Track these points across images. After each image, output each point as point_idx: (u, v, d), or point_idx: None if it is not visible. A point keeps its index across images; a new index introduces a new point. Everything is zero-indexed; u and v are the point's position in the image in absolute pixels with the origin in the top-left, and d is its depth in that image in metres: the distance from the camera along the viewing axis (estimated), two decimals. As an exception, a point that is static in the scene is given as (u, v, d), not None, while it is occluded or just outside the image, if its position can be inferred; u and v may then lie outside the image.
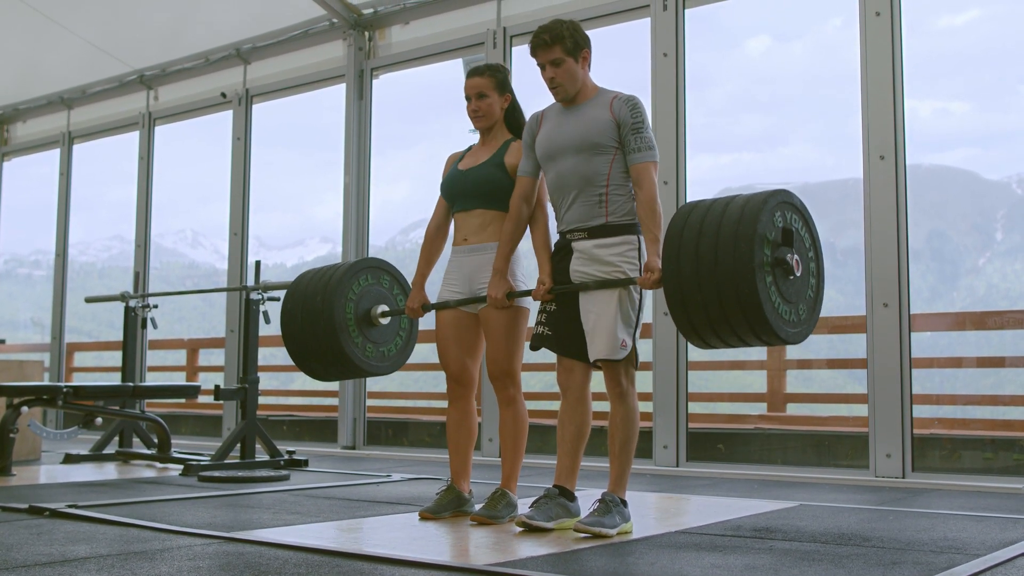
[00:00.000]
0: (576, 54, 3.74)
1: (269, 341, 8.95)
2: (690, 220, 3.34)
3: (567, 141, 3.75)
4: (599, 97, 3.78)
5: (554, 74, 3.74)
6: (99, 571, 2.85)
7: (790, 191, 3.43)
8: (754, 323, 3.22)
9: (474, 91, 4.11)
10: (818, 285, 3.49)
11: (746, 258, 3.16)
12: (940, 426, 6.40)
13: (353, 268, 4.32)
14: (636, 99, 3.72)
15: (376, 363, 4.38)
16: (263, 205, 9.72)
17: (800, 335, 3.36)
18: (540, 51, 3.75)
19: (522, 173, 3.93)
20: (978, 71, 56.64)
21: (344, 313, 4.24)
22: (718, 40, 33.55)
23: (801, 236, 3.43)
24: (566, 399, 3.79)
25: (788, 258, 3.28)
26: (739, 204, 3.30)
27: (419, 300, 4.17)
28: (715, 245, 3.22)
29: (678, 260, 3.30)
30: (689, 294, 3.26)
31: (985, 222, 53.99)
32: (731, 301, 3.18)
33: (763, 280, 3.19)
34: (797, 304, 3.35)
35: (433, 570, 2.93)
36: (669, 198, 6.20)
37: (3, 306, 11.20)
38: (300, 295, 4.33)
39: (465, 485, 4.14)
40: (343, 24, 7.82)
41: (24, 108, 10.40)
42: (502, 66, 4.21)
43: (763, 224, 3.23)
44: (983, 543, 3.43)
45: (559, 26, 3.74)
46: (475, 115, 4.13)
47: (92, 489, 5.11)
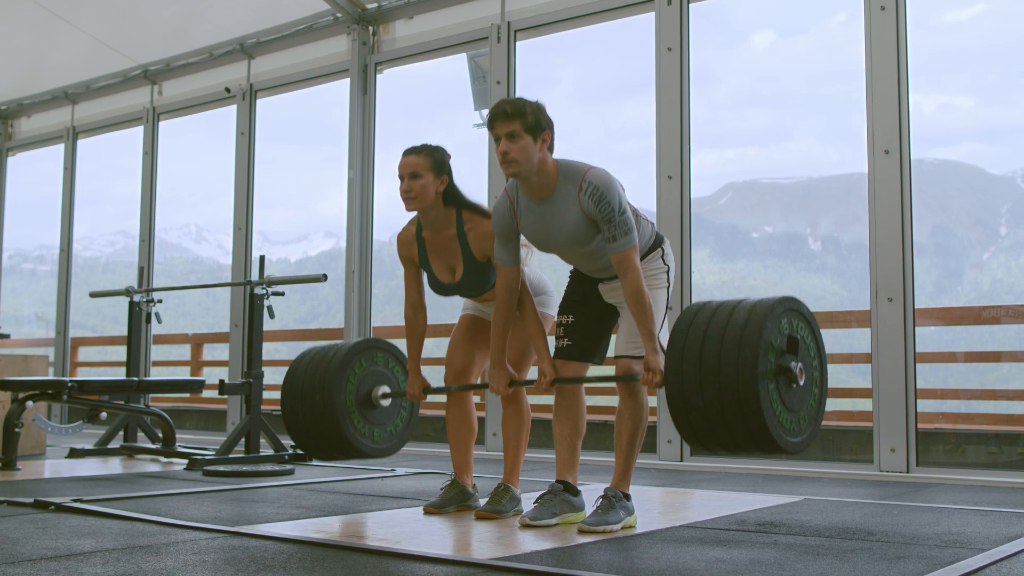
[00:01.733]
0: (536, 133, 3.51)
1: (273, 336, 8.97)
2: (695, 321, 3.28)
3: (556, 240, 3.67)
4: (564, 188, 3.57)
5: (508, 148, 3.50)
6: (104, 565, 2.86)
7: (797, 299, 3.38)
8: (755, 431, 3.14)
9: (407, 170, 3.89)
10: (821, 394, 3.42)
11: (750, 364, 3.10)
12: (944, 421, 6.40)
13: (354, 350, 4.33)
14: (598, 188, 3.50)
15: (380, 445, 4.43)
16: (267, 200, 9.73)
17: (801, 445, 3.26)
18: (498, 122, 3.52)
19: (503, 263, 3.75)
20: (983, 66, 56.58)
21: (345, 404, 4.26)
22: (722, 35, 33.51)
23: (806, 344, 3.37)
24: (560, 395, 3.80)
25: (792, 366, 3.21)
26: (746, 309, 3.25)
27: (419, 385, 4.15)
28: (719, 349, 3.16)
29: (681, 362, 3.23)
30: (691, 397, 3.20)
31: (989, 217, 53.92)
32: (732, 407, 3.12)
33: (765, 387, 3.12)
34: (799, 413, 3.28)
35: (437, 564, 2.94)
36: (674, 193, 6.20)
37: (7, 301, 11.21)
38: (299, 390, 4.33)
39: (469, 480, 4.15)
40: (347, 19, 7.82)
41: (28, 103, 10.41)
42: (441, 148, 4.00)
43: (769, 331, 3.18)
44: (988, 537, 3.43)
45: (523, 102, 3.54)
46: (406, 195, 3.88)
47: (97, 483, 5.12)
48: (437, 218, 3.94)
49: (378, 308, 7.81)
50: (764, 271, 58.73)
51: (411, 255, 4.08)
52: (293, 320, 32.50)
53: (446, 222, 3.95)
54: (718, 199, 71.23)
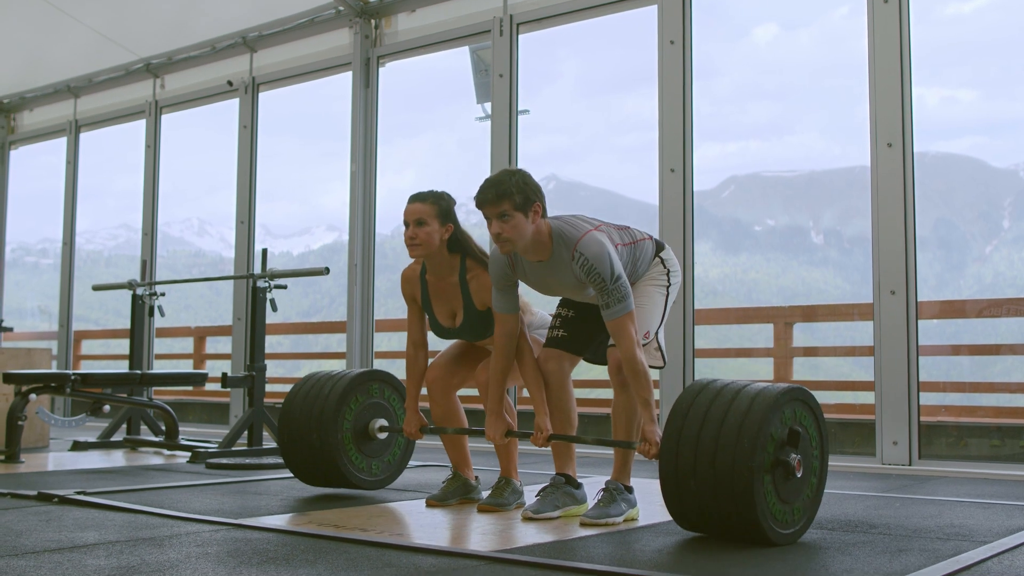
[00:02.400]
0: (526, 209, 3.50)
1: (276, 329, 8.97)
2: (697, 402, 3.22)
3: (559, 292, 3.75)
4: (559, 253, 3.57)
5: (500, 229, 3.49)
6: (108, 557, 2.86)
7: (804, 388, 3.31)
8: (745, 523, 3.08)
9: (412, 217, 3.87)
10: (819, 486, 3.35)
11: (747, 456, 3.03)
12: (947, 413, 6.40)
13: (356, 380, 4.34)
14: (589, 260, 3.48)
15: (375, 477, 4.45)
16: (269, 194, 9.73)
17: (790, 537, 3.18)
18: (486, 206, 3.52)
19: (502, 311, 3.74)
20: (985, 59, 56.44)
21: (341, 441, 4.27)
22: (725, 28, 33.42)
23: (809, 436, 3.30)
24: (548, 388, 3.79)
25: (791, 459, 3.15)
26: (750, 395, 3.17)
27: (416, 423, 4.14)
28: (717, 435, 3.10)
29: (678, 441, 3.17)
30: (684, 479, 3.15)
31: (992, 210, 53.83)
32: (725, 494, 3.06)
33: (760, 480, 3.06)
34: (793, 504, 3.21)
35: (439, 556, 2.94)
36: (676, 186, 6.20)
37: (11, 294, 11.21)
38: (300, 401, 4.35)
39: (470, 472, 4.16)
40: (349, 12, 7.81)
41: (31, 96, 10.41)
42: (447, 195, 3.97)
43: (770, 421, 3.11)
44: (990, 530, 3.43)
45: (508, 181, 3.51)
46: (411, 242, 3.86)
47: (100, 476, 5.13)
48: (441, 264, 3.94)
49: (380, 301, 7.81)
50: (766, 264, 58.72)
51: (415, 295, 4.09)
52: (295, 313, 32.47)
53: (450, 268, 3.95)
54: (720, 192, 71.19)
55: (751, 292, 53.17)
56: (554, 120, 63.76)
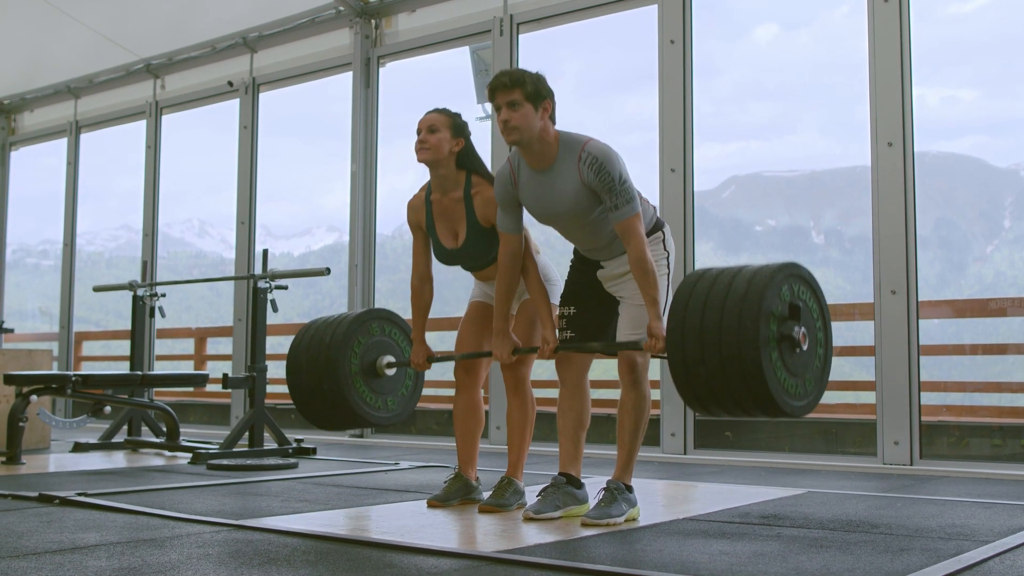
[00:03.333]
0: (536, 102, 3.57)
1: (277, 330, 8.96)
2: (696, 290, 3.27)
3: (558, 211, 3.69)
4: (564, 158, 3.61)
5: (509, 116, 3.56)
6: (109, 558, 2.86)
7: (798, 264, 3.36)
8: (758, 397, 3.14)
9: (426, 124, 3.96)
10: (826, 355, 3.41)
11: (751, 333, 3.09)
12: (948, 413, 6.39)
13: (356, 322, 4.32)
14: (598, 158, 3.54)
15: (385, 413, 4.42)
16: (270, 194, 9.73)
17: (805, 408, 3.26)
18: (499, 92, 3.59)
19: (506, 231, 3.80)
20: (986, 58, 56.38)
21: (349, 369, 4.25)
22: (725, 28, 33.40)
23: (809, 308, 3.35)
24: (564, 387, 3.81)
25: (795, 332, 3.21)
26: (746, 277, 3.22)
27: (423, 354, 4.15)
28: (720, 320, 3.14)
29: (683, 332, 3.22)
30: (693, 366, 3.20)
31: (993, 210, 53.82)
32: (735, 375, 3.12)
33: (768, 356, 3.11)
34: (804, 376, 3.27)
35: (441, 557, 2.94)
36: (677, 186, 6.20)
37: (11, 296, 11.22)
38: (306, 345, 4.34)
39: (473, 473, 4.15)
40: (349, 12, 7.81)
41: (31, 97, 10.42)
42: (461, 115, 4.05)
43: (769, 300, 3.16)
44: (991, 530, 3.43)
45: (522, 72, 3.61)
46: (421, 146, 3.93)
47: (101, 477, 5.13)
48: (447, 178, 3.97)
49: (381, 302, 7.81)
50: (767, 264, 58.63)
51: (419, 220, 4.10)
52: (296, 314, 32.46)
53: (455, 184, 3.98)
54: (721, 192, 71.17)
55: (752, 292, 53.05)
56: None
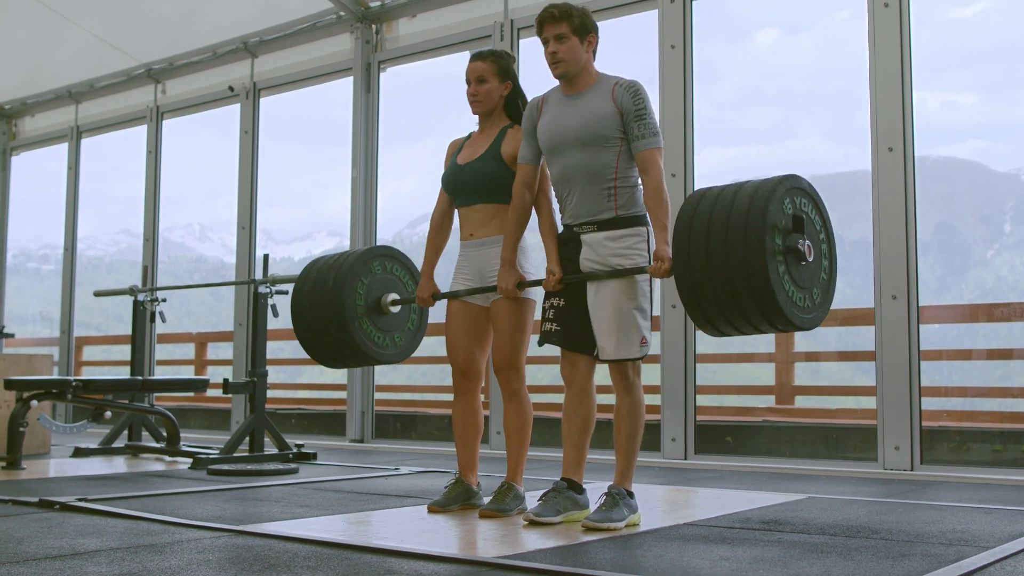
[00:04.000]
0: (582, 35, 3.71)
1: (277, 335, 8.95)
2: (699, 210, 3.32)
3: (571, 134, 3.70)
4: (600, 84, 3.73)
5: (556, 48, 3.69)
6: (109, 564, 2.86)
7: (798, 176, 3.40)
8: (768, 312, 3.20)
9: (474, 75, 4.11)
10: (831, 267, 3.47)
11: (757, 248, 3.14)
12: (949, 418, 6.39)
13: (364, 256, 4.32)
14: (637, 84, 3.68)
15: (386, 351, 4.40)
16: (271, 199, 9.72)
17: (814, 320, 3.35)
18: (547, 24, 3.72)
19: (522, 160, 3.90)
20: (987, 63, 56.40)
21: (354, 302, 4.25)
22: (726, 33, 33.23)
23: (812, 220, 3.41)
24: (570, 392, 3.79)
25: (799, 244, 3.27)
26: (748, 193, 3.27)
27: (429, 289, 4.17)
28: (725, 237, 3.20)
29: (688, 252, 3.27)
30: (701, 285, 3.25)
31: (994, 214, 53.81)
32: (744, 291, 3.17)
33: (775, 269, 3.17)
34: (811, 289, 3.34)
35: (442, 563, 2.94)
36: (677, 191, 6.19)
37: (12, 300, 11.22)
38: (311, 284, 4.33)
39: (473, 478, 4.15)
40: (350, 17, 7.82)
41: (32, 102, 10.43)
42: (507, 53, 4.20)
43: (772, 213, 3.21)
44: (992, 535, 3.43)
45: (569, 5, 3.73)
46: (473, 99, 4.13)
47: (102, 482, 5.13)
48: (493, 122, 4.15)
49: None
50: (768, 269, 58.71)
51: (453, 151, 4.24)
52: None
53: (498, 122, 4.14)
54: (722, 197, 70.85)
55: (752, 296, 53.10)
56: (555, 125, 63.43)
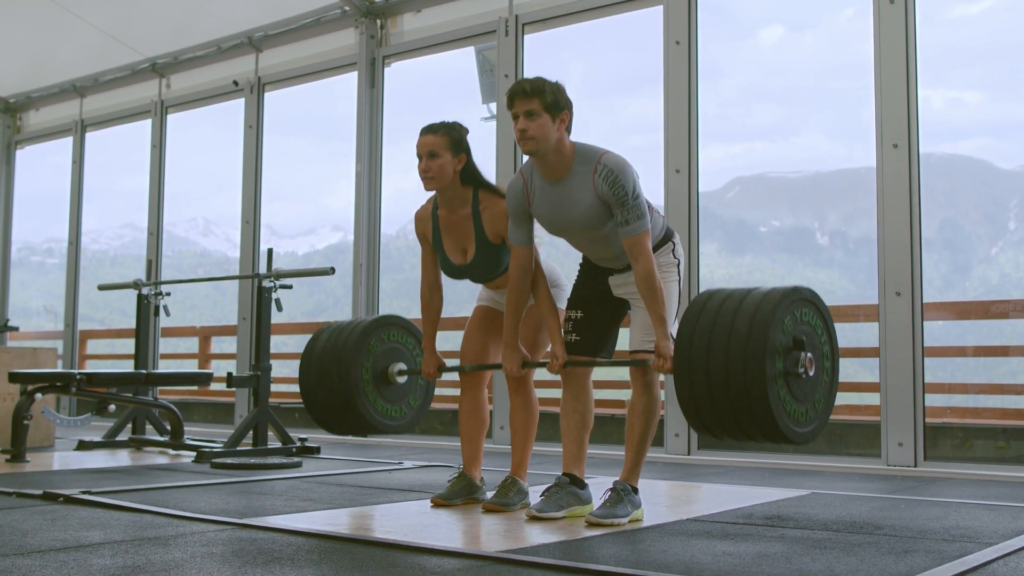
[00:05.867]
0: (554, 112, 3.52)
1: (281, 329, 8.98)
2: (699, 328, 3.23)
3: (571, 224, 3.67)
4: (578, 169, 3.59)
5: (526, 126, 3.51)
6: (113, 557, 2.87)
7: (800, 288, 3.32)
8: (767, 432, 3.14)
9: (425, 149, 3.88)
10: (831, 381, 3.38)
11: (757, 378, 3.06)
12: (952, 415, 6.39)
13: (368, 329, 4.34)
14: (613, 171, 3.51)
15: (392, 421, 4.44)
16: (275, 194, 9.74)
17: (810, 435, 3.24)
18: (517, 99, 3.54)
19: (517, 243, 3.76)
20: (992, 61, 56.29)
21: (360, 376, 4.28)
22: (731, 30, 33.24)
23: (816, 333, 3.32)
24: (567, 389, 3.80)
25: (801, 358, 3.17)
26: (747, 315, 3.18)
27: (434, 364, 4.15)
28: (725, 363, 3.11)
29: (689, 371, 3.19)
30: (701, 403, 3.18)
31: (998, 211, 53.76)
32: (744, 413, 3.09)
33: (776, 395, 3.10)
34: (812, 398, 3.26)
35: (445, 556, 2.94)
36: (681, 187, 6.20)
37: (16, 294, 11.23)
38: (319, 350, 4.36)
39: (477, 473, 4.15)
40: (355, 12, 7.82)
41: (36, 96, 10.43)
42: (459, 125, 3.99)
43: (773, 337, 3.13)
44: (995, 531, 3.43)
45: (542, 81, 3.56)
46: (425, 175, 3.89)
47: (105, 475, 5.13)
48: (454, 197, 3.95)
49: (385, 302, 7.81)
50: (772, 265, 58.67)
51: (426, 233, 4.09)
52: (301, 313, 32.54)
53: (462, 201, 3.95)
54: (726, 193, 71.06)
55: (756, 293, 53.09)
56: (559, 121, 63.52)
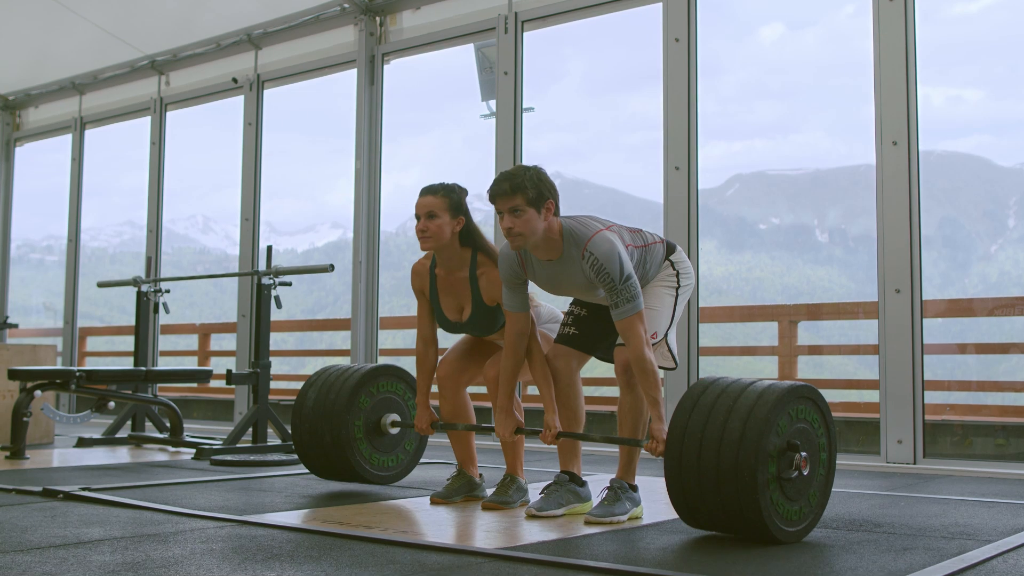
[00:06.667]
0: (539, 205, 3.50)
1: (280, 326, 8.98)
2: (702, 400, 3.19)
3: (568, 291, 3.74)
4: (570, 251, 3.57)
5: (512, 223, 3.50)
6: (113, 553, 2.87)
7: (810, 386, 3.27)
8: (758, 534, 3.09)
9: (424, 210, 3.88)
10: (826, 482, 3.32)
11: (751, 456, 3.01)
12: (952, 412, 6.39)
13: (363, 380, 4.36)
14: (598, 260, 3.48)
15: (383, 472, 4.48)
16: (274, 191, 9.73)
17: (797, 535, 3.18)
18: (499, 199, 3.52)
19: (513, 310, 3.74)
20: (991, 58, 56.27)
21: (352, 437, 4.31)
22: (730, 27, 33.21)
23: (815, 432, 3.27)
24: (557, 385, 3.79)
25: (796, 458, 3.12)
26: (754, 394, 3.13)
27: (427, 419, 4.15)
28: (721, 436, 3.07)
29: (682, 441, 3.15)
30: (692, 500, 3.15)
31: (997, 209, 53.76)
32: (730, 495, 3.03)
33: (767, 501, 3.05)
34: (807, 493, 3.21)
35: (444, 553, 2.94)
36: (681, 185, 6.20)
37: (16, 291, 11.24)
38: (310, 408, 4.38)
39: (474, 470, 4.16)
40: (354, 9, 7.81)
41: (36, 93, 10.42)
42: (459, 187, 3.97)
43: (776, 422, 3.09)
44: (994, 529, 3.43)
45: (522, 175, 3.52)
46: (422, 235, 3.88)
47: (105, 472, 5.14)
48: (452, 258, 3.94)
49: (385, 299, 7.82)
50: (771, 262, 58.67)
51: (424, 288, 4.08)
52: (300, 310, 32.53)
53: (460, 263, 3.95)
54: (725, 190, 71.13)
55: (756, 290, 53.12)
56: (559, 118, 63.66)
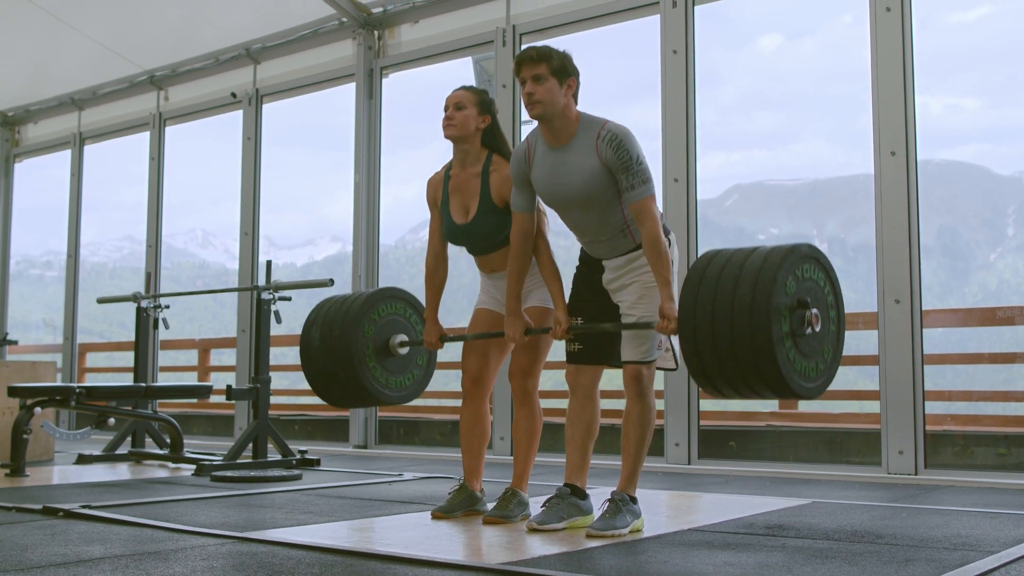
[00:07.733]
0: (561, 77, 3.60)
1: (280, 341, 8.97)
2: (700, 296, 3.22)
3: (570, 196, 3.67)
4: (583, 134, 3.63)
5: (533, 89, 3.59)
6: (113, 571, 2.86)
7: (799, 246, 3.32)
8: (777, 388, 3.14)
9: (453, 101, 4.00)
10: (838, 335, 3.38)
11: (764, 345, 3.06)
12: (953, 422, 6.39)
13: (372, 298, 4.33)
14: (618, 135, 3.57)
15: (394, 392, 4.43)
16: (274, 205, 9.75)
17: (816, 390, 3.24)
18: (525, 64, 3.62)
19: (518, 209, 3.80)
20: (989, 67, 56.40)
21: (362, 344, 4.27)
22: (729, 37, 33.09)
23: (821, 289, 3.33)
24: (575, 397, 3.79)
25: (806, 319, 3.18)
26: (749, 282, 3.18)
27: (436, 333, 4.16)
28: (731, 330, 3.11)
29: (696, 347, 3.19)
30: (709, 365, 3.18)
31: (996, 217, 53.80)
32: (752, 374, 3.10)
33: (784, 356, 3.10)
34: (820, 352, 3.26)
35: (446, 569, 2.94)
36: (680, 196, 6.20)
37: (15, 307, 11.23)
38: (319, 325, 4.35)
39: (477, 484, 4.15)
40: (352, 23, 7.83)
41: (35, 109, 10.44)
42: (488, 92, 4.10)
43: (777, 298, 3.13)
44: (996, 540, 3.42)
45: (549, 48, 3.65)
46: (448, 122, 3.98)
47: (105, 489, 5.13)
48: (469, 152, 4.02)
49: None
50: (771, 273, 58.63)
51: (436, 196, 4.13)
52: (299, 325, 32.49)
53: (476, 159, 4.02)
54: (724, 201, 71.16)
55: (755, 301, 53.16)
56: (557, 130, 63.62)
